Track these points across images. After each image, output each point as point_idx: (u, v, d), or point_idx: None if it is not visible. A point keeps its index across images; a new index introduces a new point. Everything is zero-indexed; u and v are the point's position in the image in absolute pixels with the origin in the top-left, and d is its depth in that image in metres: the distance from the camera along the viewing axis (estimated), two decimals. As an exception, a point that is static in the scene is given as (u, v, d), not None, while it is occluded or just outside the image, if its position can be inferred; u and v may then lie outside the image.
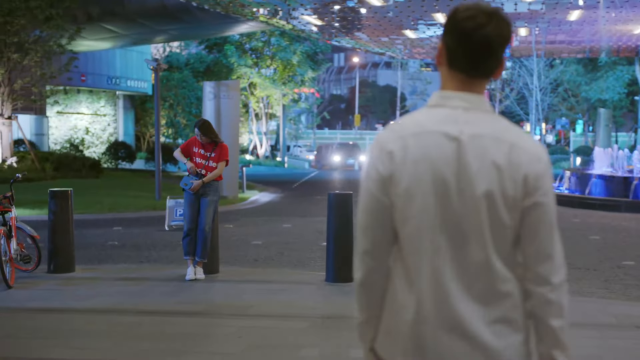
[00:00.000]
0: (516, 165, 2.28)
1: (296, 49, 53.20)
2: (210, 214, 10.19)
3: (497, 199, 2.27)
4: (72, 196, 10.80)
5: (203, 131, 10.22)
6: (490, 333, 2.28)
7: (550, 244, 2.31)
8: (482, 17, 2.32)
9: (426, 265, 2.31)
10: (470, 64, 2.36)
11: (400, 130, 2.37)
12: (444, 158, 2.30)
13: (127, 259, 12.47)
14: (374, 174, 2.37)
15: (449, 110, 2.36)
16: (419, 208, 2.31)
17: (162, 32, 36.94)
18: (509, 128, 2.36)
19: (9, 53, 29.03)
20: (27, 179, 27.64)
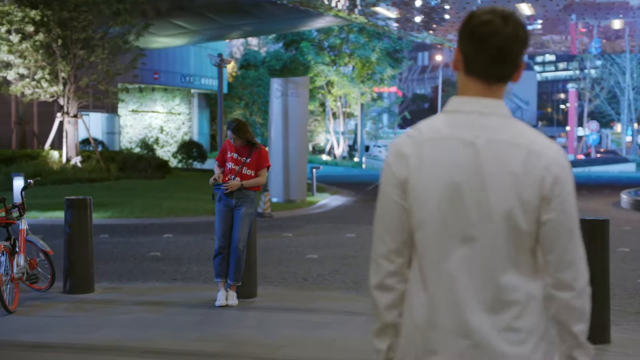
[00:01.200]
0: (533, 171, 2.28)
1: (375, 46, 51.51)
2: (245, 229, 8.67)
3: (513, 205, 2.28)
4: (91, 205, 9.42)
5: (237, 133, 8.72)
6: (501, 340, 2.28)
7: (572, 250, 2.30)
8: (498, 21, 2.31)
9: (439, 270, 2.33)
10: (487, 70, 2.35)
11: (417, 136, 2.39)
12: (459, 164, 2.32)
13: (162, 275, 11.07)
14: (391, 178, 2.40)
15: (465, 115, 2.36)
16: (433, 214, 2.33)
17: (234, 27, 35.78)
18: (527, 133, 2.34)
19: (75, 50, 28.20)
20: (90, 179, 26.82)
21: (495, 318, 2.28)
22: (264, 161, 8.84)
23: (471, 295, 2.29)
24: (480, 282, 2.29)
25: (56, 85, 28.23)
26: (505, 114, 2.35)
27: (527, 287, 2.30)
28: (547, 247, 2.30)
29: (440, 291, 2.32)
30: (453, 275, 2.30)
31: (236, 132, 8.73)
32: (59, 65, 27.90)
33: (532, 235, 2.30)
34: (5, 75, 28.00)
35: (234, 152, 8.76)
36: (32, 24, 27.56)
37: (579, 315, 2.31)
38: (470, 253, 2.30)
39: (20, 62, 27.85)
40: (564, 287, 2.29)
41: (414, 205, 2.34)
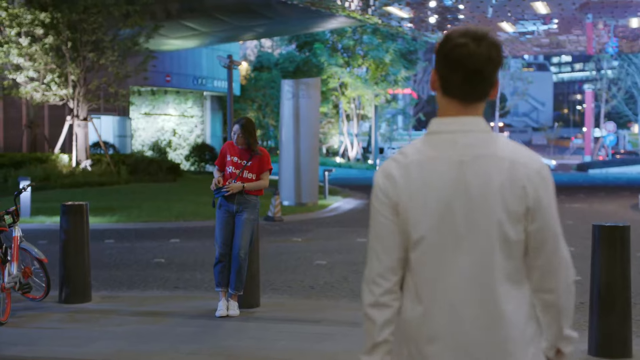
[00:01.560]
0: (517, 182, 2.38)
1: (389, 48, 51.07)
2: (247, 236, 8.29)
3: (502, 217, 2.37)
4: (87, 211, 9.06)
5: (244, 129, 8.35)
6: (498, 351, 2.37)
7: (558, 254, 2.43)
8: (472, 43, 2.38)
9: (436, 286, 2.40)
10: (464, 90, 2.42)
11: (403, 159, 2.46)
12: (446, 183, 2.40)
13: (164, 283, 10.70)
14: (383, 200, 2.46)
15: (447, 135, 2.44)
16: (428, 233, 2.40)
17: (246, 29, 35.43)
18: (508, 145, 2.44)
19: (85, 52, 27.94)
20: (99, 183, 26.53)
21: (491, 330, 2.38)
22: (265, 164, 8.46)
23: (469, 310, 2.39)
24: (476, 295, 2.39)
25: (66, 88, 27.98)
26: (485, 130, 2.45)
27: (519, 294, 2.42)
28: (534, 253, 2.42)
29: (438, 306, 2.40)
30: (450, 290, 2.40)
31: (244, 128, 8.35)
32: (68, 68, 27.65)
33: (521, 244, 2.41)
34: (15, 78, 27.77)
35: (234, 156, 8.39)
36: (42, 27, 27.33)
37: (565, 313, 2.46)
38: (465, 267, 2.39)
39: (30, 65, 27.62)
40: (549, 290, 2.43)
41: (409, 226, 2.42)
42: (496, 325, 2.37)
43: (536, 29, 34.77)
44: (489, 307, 2.37)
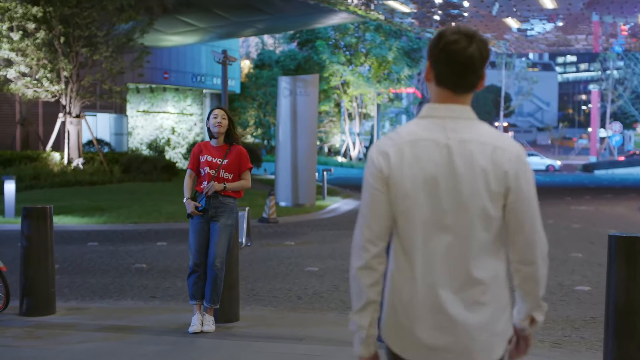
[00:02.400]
0: (499, 165, 2.66)
1: (392, 45, 50.22)
2: (223, 243, 7.49)
3: (483, 195, 2.65)
4: (51, 215, 8.25)
5: (227, 113, 7.64)
6: (469, 313, 2.66)
7: (535, 231, 2.70)
8: (464, 41, 2.67)
9: (420, 254, 2.68)
10: (455, 82, 2.72)
11: (397, 138, 2.73)
12: (434, 161, 2.68)
13: (140, 291, 9.91)
14: (375, 173, 2.71)
15: (437, 120, 2.73)
16: (413, 205, 2.68)
17: (246, 25, 34.63)
18: (490, 132, 2.73)
19: (78, 47, 27.17)
20: (91, 182, 25.74)
21: (464, 295, 2.66)
22: (245, 162, 7.67)
23: (445, 276, 2.66)
24: (454, 264, 2.66)
25: (58, 84, 27.21)
26: (471, 117, 2.73)
27: (494, 266, 2.69)
28: (513, 230, 2.69)
29: (420, 272, 2.67)
30: (431, 258, 2.67)
31: (224, 110, 7.63)
32: (60, 64, 26.88)
33: (499, 221, 2.69)
34: (5, 73, 27.02)
35: (208, 154, 7.59)
36: (34, 21, 26.58)
37: (540, 284, 2.75)
38: (446, 238, 2.67)
39: (22, 60, 26.86)
40: (529, 262, 2.71)
41: (397, 197, 2.68)
42: (470, 290, 2.66)
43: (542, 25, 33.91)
44: (464, 273, 2.65)
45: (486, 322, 2.67)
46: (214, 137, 7.66)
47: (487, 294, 2.67)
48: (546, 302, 2.86)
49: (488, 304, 2.67)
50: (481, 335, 2.67)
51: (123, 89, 29.18)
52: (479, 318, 2.67)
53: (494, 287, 2.69)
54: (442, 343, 2.68)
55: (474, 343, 2.67)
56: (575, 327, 8.07)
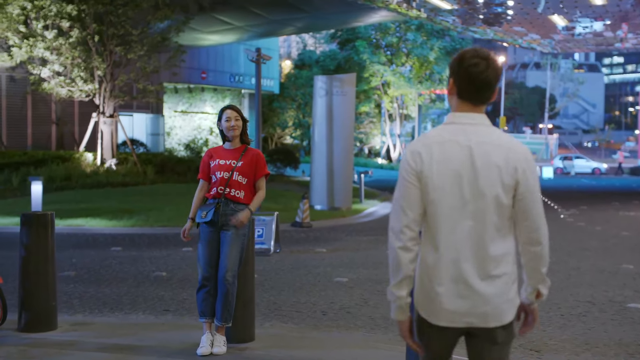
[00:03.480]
0: (511, 162, 3.32)
1: (433, 45, 49.22)
2: (235, 255, 6.76)
3: (498, 187, 3.31)
4: (53, 222, 7.59)
5: (240, 113, 6.95)
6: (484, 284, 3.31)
7: (539, 217, 3.35)
8: (482, 64, 3.36)
9: (447, 236, 3.33)
10: (475, 96, 3.41)
11: (426, 140, 3.40)
12: (458, 159, 3.34)
13: (154, 304, 9.22)
14: (409, 169, 3.36)
15: (460, 126, 3.40)
16: (441, 195, 3.32)
17: (284, 23, 33.92)
18: (503, 136, 3.41)
19: (111, 46, 26.70)
20: (123, 183, 25.23)
21: (481, 269, 3.32)
22: (261, 167, 6.94)
23: (467, 253, 3.33)
24: (474, 243, 3.33)
25: (91, 84, 26.76)
26: (488, 124, 3.44)
27: (505, 246, 3.37)
28: (522, 216, 3.35)
29: (445, 250, 3.34)
30: (455, 238, 3.33)
31: (237, 110, 6.92)
32: (94, 63, 26.43)
33: (510, 208, 3.36)
34: (39, 72, 26.66)
35: (220, 158, 6.87)
36: (68, 19, 26.18)
37: (544, 261, 3.41)
38: (468, 222, 3.33)
39: (55, 58, 26.47)
40: (535, 243, 3.38)
41: (429, 188, 3.34)
42: (486, 264, 3.32)
43: (590, 23, 32.74)
44: (481, 251, 3.32)
45: (499, 292, 3.30)
46: (227, 140, 6.95)
47: (500, 268, 3.31)
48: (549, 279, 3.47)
49: (500, 276, 3.31)
50: (494, 301, 3.30)
51: (158, 88, 28.63)
52: (493, 288, 3.29)
53: (505, 262, 3.33)
54: (463, 309, 3.30)
55: (488, 308, 3.30)
56: (629, 352, 7.22)
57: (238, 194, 6.83)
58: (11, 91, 31.63)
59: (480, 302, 3.30)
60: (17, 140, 31.86)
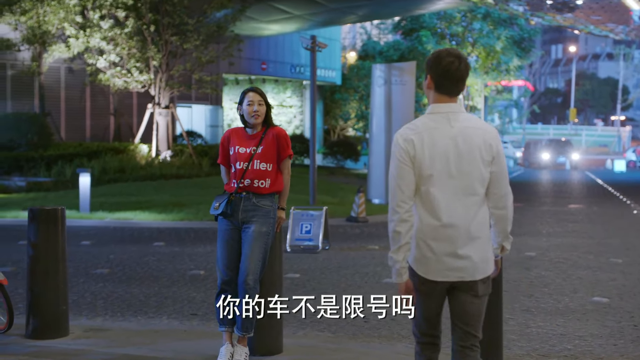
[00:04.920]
0: (487, 141, 4.08)
1: (500, 34, 47.72)
2: (257, 256, 5.98)
3: (479, 164, 4.05)
4: (63, 218, 6.88)
5: (263, 96, 6.16)
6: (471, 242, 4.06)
7: (506, 186, 4.12)
8: (456, 61, 4.05)
9: (438, 206, 4.02)
10: (452, 89, 4.10)
11: (415, 128, 4.08)
12: (445, 143, 4.03)
13: (184, 306, 8.50)
14: (403, 153, 4.03)
15: (443, 115, 4.09)
16: (434, 173, 4.02)
17: (344, 11, 33.03)
18: (477, 120, 4.15)
19: (167, 36, 26.19)
20: (177, 175, 24.73)
21: (469, 232, 4.05)
22: (284, 148, 6.12)
23: (457, 219, 4.04)
24: (462, 210, 4.05)
25: (147, 74, 26.31)
26: (463, 111, 4.14)
27: (484, 212, 4.12)
28: (494, 185, 4.11)
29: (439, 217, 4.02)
30: (447, 207, 4.03)
31: (260, 93, 6.11)
32: (149, 53, 25.96)
33: (487, 179, 4.09)
34: (95, 63, 26.32)
35: (238, 145, 6.08)
36: (124, 9, 25.77)
37: (509, 222, 4.17)
38: (458, 195, 4.05)
39: (112, 49, 26.09)
40: (503, 207, 4.14)
41: (422, 169, 4.02)
42: (472, 229, 4.05)
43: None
44: (469, 217, 4.05)
45: (481, 250, 4.09)
46: (248, 127, 6.14)
47: (482, 231, 4.10)
48: None
49: (482, 237, 4.09)
50: (479, 258, 4.07)
51: (214, 79, 28.03)
52: (478, 247, 4.07)
53: (485, 226, 4.11)
54: (455, 265, 4.04)
55: (474, 264, 4.06)
56: None
57: (262, 184, 6.05)
58: (70, 83, 31.44)
59: (469, 259, 4.04)
60: (76, 132, 31.66)
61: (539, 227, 16.57)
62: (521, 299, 9.09)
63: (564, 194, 27.12)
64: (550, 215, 19.19)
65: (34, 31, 26.10)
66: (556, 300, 9.07)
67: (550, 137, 63.75)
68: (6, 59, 29.51)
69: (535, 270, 11.13)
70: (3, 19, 25.63)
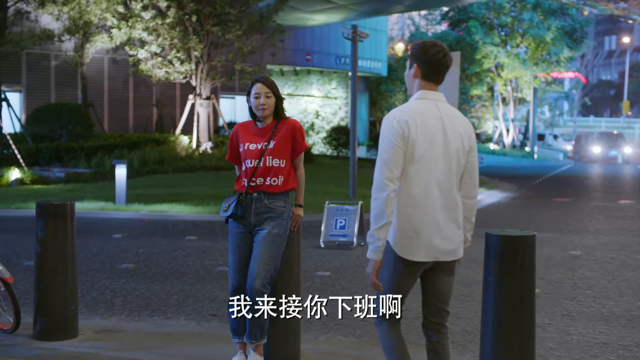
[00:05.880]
0: (467, 130, 4.31)
1: (551, 25, 46.68)
2: (266, 259, 5.54)
3: (460, 150, 4.25)
4: (72, 213, 6.52)
5: (271, 87, 5.64)
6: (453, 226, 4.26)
7: (478, 177, 4.37)
8: (442, 52, 4.24)
9: (426, 187, 4.17)
10: (437, 77, 4.29)
11: (408, 111, 4.20)
12: (435, 127, 4.20)
13: (204, 305, 8.13)
14: (396, 134, 4.14)
15: (432, 101, 4.27)
16: (424, 154, 4.16)
17: (389, 1, 32.41)
18: (458, 111, 4.36)
19: (208, 26, 25.90)
20: (217, 167, 24.45)
21: (452, 215, 4.25)
22: (299, 141, 5.67)
23: (443, 201, 4.21)
24: (447, 193, 4.23)
25: (188, 64, 26.06)
26: (445, 100, 4.33)
27: (458, 197, 4.30)
28: (467, 175, 4.32)
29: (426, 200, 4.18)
30: (434, 190, 4.19)
31: (268, 83, 5.63)
32: (190, 43, 25.70)
33: (463, 168, 4.30)
34: (135, 53, 26.15)
35: (248, 141, 5.63)
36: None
37: (474, 212, 4.37)
38: (442, 177, 4.21)
39: (153, 39, 25.89)
40: (473, 197, 4.35)
41: (415, 149, 4.14)
42: (454, 211, 4.26)
43: None
44: (452, 200, 4.25)
45: (459, 232, 4.29)
46: (258, 120, 5.69)
47: (460, 214, 4.29)
48: None
49: (459, 220, 4.29)
50: (457, 239, 4.29)
51: (256, 69, 27.67)
52: (457, 229, 4.28)
53: (460, 209, 4.30)
54: (440, 246, 4.23)
55: (454, 245, 4.28)
56: None
57: (274, 181, 5.59)
58: (113, 74, 31.39)
59: (450, 240, 4.25)
60: (120, 123, 31.63)
61: (586, 224, 15.90)
62: (562, 302, 8.55)
63: (614, 189, 26.26)
64: (599, 211, 18.48)
65: (75, 22, 26.01)
66: (600, 304, 8.51)
67: (602, 130, 62.41)
68: (50, 49, 29.55)
69: (580, 270, 10.55)
70: (46, 9, 25.55)
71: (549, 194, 23.55)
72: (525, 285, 4.86)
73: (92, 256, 11.10)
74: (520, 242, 4.80)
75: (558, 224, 15.75)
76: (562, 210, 18.73)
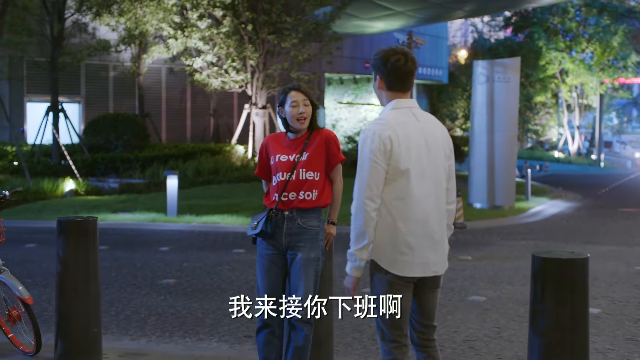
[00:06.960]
0: (445, 136, 4.24)
1: (618, 29, 45.38)
2: (309, 286, 5.05)
3: (442, 157, 4.18)
4: (95, 231, 6.16)
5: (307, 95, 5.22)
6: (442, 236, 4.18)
7: (455, 179, 4.27)
8: (403, 58, 4.12)
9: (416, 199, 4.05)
10: (403, 85, 4.17)
11: (387, 124, 4.06)
12: (416, 135, 4.09)
13: (240, 326, 7.69)
14: (378, 152, 3.99)
15: (407, 109, 4.16)
16: (410, 166, 4.03)
17: (450, 7, 31.75)
18: (432, 116, 4.28)
19: (264, 34, 25.62)
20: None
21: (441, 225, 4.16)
22: (335, 152, 5.21)
23: (432, 212, 4.11)
24: (436, 204, 4.13)
25: (243, 73, 25.83)
26: (419, 107, 4.24)
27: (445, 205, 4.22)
28: (448, 179, 4.22)
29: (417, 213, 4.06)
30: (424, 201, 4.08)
31: (303, 91, 5.23)
32: (246, 52, 25.46)
33: (447, 174, 4.22)
34: (192, 63, 26.03)
35: (279, 154, 5.19)
36: (222, 8, 25.36)
37: (453, 217, 4.26)
38: (430, 187, 4.11)
39: (209, 49, 25.73)
40: (452, 202, 4.24)
41: (400, 163, 4.02)
42: (443, 221, 4.19)
43: None
44: (441, 208, 4.17)
45: (446, 243, 4.23)
46: (291, 131, 5.25)
47: (445, 224, 4.21)
48: None
49: (444, 230, 4.21)
50: (446, 251, 4.22)
51: (312, 78, 27.28)
52: (445, 240, 4.21)
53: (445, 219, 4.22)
54: (432, 259, 4.12)
55: (445, 257, 4.21)
56: None
57: (308, 195, 5.13)
58: (171, 84, 31.38)
59: (442, 252, 4.18)
60: (176, 133, 31.59)
61: (654, 237, 15.13)
62: (626, 324, 7.92)
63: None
64: (668, 223, 17.63)
65: (130, 32, 26.00)
66: (668, 327, 7.86)
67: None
68: (108, 60, 29.66)
69: (646, 288, 9.87)
70: (102, 20, 25.60)
71: (615, 203, 22.68)
72: (577, 314, 4.33)
73: (135, 270, 10.81)
74: (569, 266, 4.28)
75: (624, 236, 15.02)
76: (629, 221, 17.93)
